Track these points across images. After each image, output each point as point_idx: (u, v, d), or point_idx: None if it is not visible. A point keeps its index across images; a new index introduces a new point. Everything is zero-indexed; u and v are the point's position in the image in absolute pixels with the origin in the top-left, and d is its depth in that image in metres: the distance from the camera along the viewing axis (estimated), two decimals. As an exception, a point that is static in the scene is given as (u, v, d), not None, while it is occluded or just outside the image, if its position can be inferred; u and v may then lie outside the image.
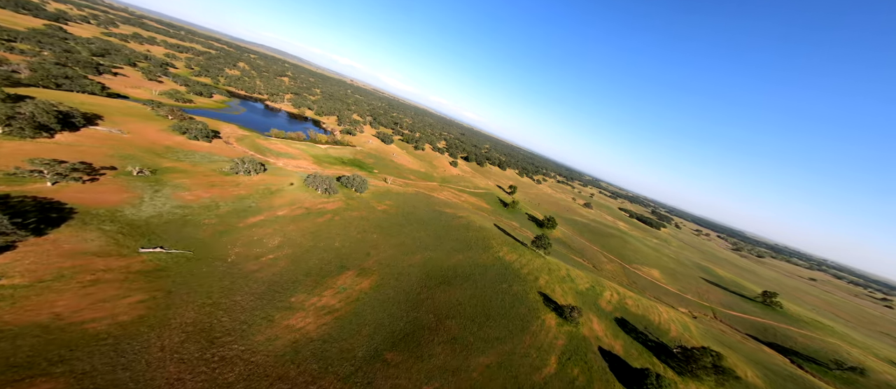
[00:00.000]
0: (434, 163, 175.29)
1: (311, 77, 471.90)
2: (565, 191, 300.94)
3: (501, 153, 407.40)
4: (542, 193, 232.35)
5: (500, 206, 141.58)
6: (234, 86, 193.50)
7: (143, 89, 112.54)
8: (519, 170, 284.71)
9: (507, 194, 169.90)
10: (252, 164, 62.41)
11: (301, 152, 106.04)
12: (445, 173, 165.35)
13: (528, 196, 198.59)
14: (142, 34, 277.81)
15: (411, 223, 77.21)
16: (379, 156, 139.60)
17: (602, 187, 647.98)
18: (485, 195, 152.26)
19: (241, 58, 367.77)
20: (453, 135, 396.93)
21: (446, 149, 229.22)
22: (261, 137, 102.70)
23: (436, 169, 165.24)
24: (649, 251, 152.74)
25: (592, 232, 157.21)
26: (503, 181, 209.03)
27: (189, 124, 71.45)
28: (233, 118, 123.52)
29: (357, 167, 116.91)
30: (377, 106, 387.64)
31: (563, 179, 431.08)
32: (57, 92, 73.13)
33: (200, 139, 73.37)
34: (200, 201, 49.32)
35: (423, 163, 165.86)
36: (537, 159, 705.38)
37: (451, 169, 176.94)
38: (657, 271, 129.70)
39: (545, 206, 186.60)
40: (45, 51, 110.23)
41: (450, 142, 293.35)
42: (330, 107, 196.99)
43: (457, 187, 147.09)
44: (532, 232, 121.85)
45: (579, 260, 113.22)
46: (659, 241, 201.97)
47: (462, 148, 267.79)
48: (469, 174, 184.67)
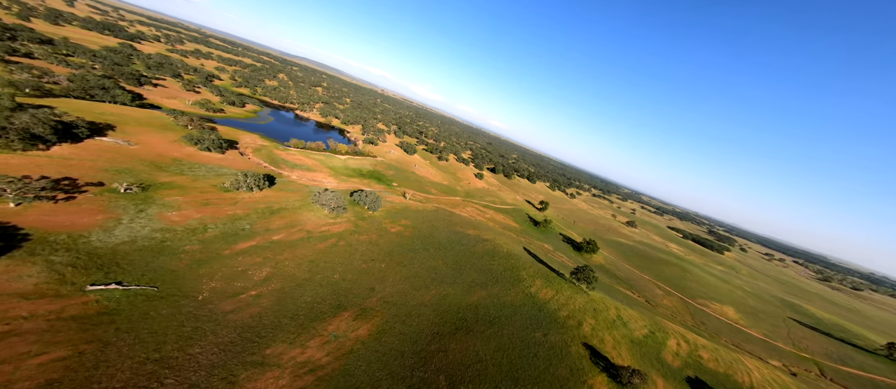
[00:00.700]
0: (458, 175, 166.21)
1: (344, 87, 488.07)
2: (602, 207, 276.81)
3: (530, 164, 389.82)
4: (577, 209, 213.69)
5: (530, 225, 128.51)
6: (269, 96, 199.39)
7: (177, 100, 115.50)
8: (550, 182, 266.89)
9: (537, 210, 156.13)
10: (254, 179, 56.89)
11: (318, 163, 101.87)
12: (470, 186, 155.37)
13: (561, 212, 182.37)
14: (202, 50, 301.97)
15: (428, 248, 67.99)
16: (400, 168, 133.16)
17: (643, 202, 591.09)
18: (513, 212, 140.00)
19: (283, 70, 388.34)
20: (479, 144, 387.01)
21: (471, 160, 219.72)
22: (280, 147, 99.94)
23: (460, 182, 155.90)
24: (716, 282, 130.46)
25: (641, 257, 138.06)
26: (533, 195, 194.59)
27: (202, 134, 68.45)
28: (259, 127, 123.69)
29: (376, 179, 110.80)
30: (404, 114, 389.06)
31: (598, 193, 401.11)
32: (85, 102, 73.84)
33: (213, 150, 70.12)
34: (187, 223, 43.66)
35: (447, 175, 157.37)
36: (569, 170, 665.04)
37: (477, 182, 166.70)
38: (731, 309, 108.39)
39: (581, 225, 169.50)
40: (97, 64, 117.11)
41: (475, 151, 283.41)
42: (356, 115, 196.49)
43: (482, 202, 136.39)
44: (568, 256, 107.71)
45: (629, 293, 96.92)
46: (725, 269, 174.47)
47: (488, 158, 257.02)
48: (495, 187, 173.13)
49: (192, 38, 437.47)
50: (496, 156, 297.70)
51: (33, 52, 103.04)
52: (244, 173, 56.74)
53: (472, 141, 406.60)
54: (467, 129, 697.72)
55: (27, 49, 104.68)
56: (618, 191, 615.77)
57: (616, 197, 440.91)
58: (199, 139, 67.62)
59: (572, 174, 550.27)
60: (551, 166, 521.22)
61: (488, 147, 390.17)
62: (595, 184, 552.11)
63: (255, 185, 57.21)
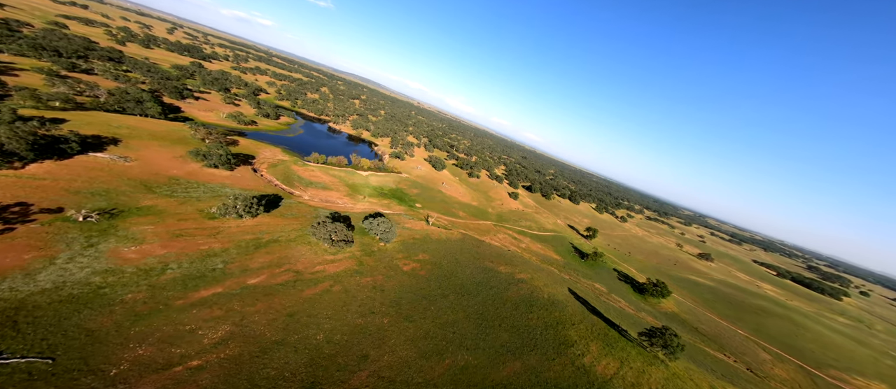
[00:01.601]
0: (490, 194, 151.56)
1: (381, 100, 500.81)
2: (662, 233, 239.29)
3: (570, 180, 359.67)
4: (631, 236, 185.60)
5: (576, 258, 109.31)
6: (307, 109, 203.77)
7: (213, 112, 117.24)
8: (596, 202, 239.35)
9: (584, 238, 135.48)
10: (246, 204, 48.57)
11: (337, 181, 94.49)
12: (503, 208, 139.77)
13: (613, 240, 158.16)
14: (260, 67, 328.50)
15: (447, 294, 54.73)
16: (425, 186, 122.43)
17: (711, 226, 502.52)
18: (553, 239, 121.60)
19: (328, 84, 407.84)
20: (513, 158, 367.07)
21: (505, 176, 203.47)
22: (299, 162, 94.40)
23: (492, 202, 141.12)
24: (848, 343, 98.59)
25: (728, 304, 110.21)
26: (576, 219, 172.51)
27: (210, 150, 63.19)
28: (286, 140, 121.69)
29: (397, 200, 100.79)
30: (437, 127, 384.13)
31: (653, 215, 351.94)
32: (112, 114, 73.26)
33: (221, 167, 64.45)
34: (143, 262, 35.31)
35: (477, 193, 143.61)
36: (614, 188, 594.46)
37: (511, 202, 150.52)
38: (884, 387, 78.86)
39: (640, 257, 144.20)
40: (147, 79, 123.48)
41: (509, 166, 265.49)
42: (386, 128, 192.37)
43: (517, 228, 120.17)
44: (628, 300, 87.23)
45: (722, 357, 73.80)
46: (851, 322, 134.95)
47: (524, 174, 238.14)
48: (532, 209, 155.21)
49: (258, 56, 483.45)
50: (532, 172, 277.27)
51: (94, 69, 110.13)
52: (235, 196, 48.76)
53: (506, 154, 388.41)
54: (501, 142, 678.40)
55: (90, 66, 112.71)
56: (677, 212, 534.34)
57: (676, 220, 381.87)
58: (206, 154, 62.25)
59: (619, 192, 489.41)
60: (594, 183, 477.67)
61: (523, 161, 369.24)
62: (647, 204, 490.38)
63: (246, 211, 48.84)
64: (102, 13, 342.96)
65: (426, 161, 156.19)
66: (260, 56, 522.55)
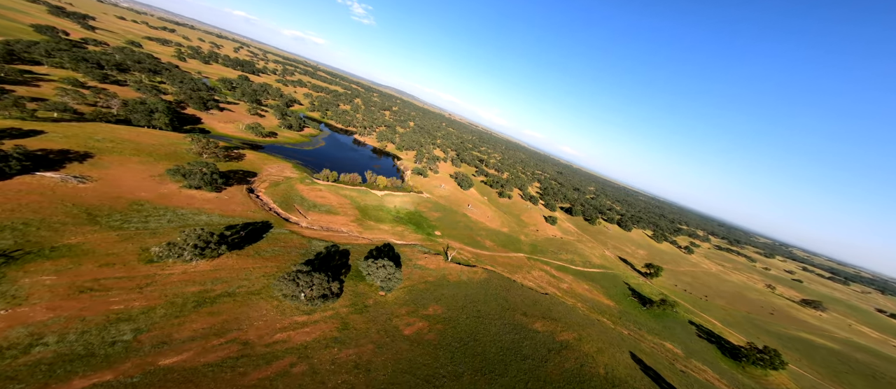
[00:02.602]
0: (523, 217, 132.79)
1: (413, 111, 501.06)
2: (740, 268, 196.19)
3: (613, 199, 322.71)
4: (703, 272, 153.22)
5: (634, 304, 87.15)
6: (336, 120, 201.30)
7: (233, 124, 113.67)
8: (651, 229, 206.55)
9: (642, 276, 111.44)
10: (200, 241, 37.03)
11: (347, 202, 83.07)
12: (538, 235, 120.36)
13: (680, 279, 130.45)
14: (303, 80, 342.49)
15: (462, 371, 38.76)
16: (449, 208, 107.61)
17: (798, 258, 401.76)
18: (603, 277, 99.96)
19: (362, 96, 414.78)
20: (548, 174, 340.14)
21: (540, 196, 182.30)
22: (307, 180, 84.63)
23: (525, 228, 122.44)
24: None
25: (871, 379, 79.89)
26: (629, 249, 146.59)
27: (193, 167, 54.15)
28: (302, 153, 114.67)
29: (414, 226, 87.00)
30: (467, 139, 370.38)
31: (723, 243, 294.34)
32: (109, 125, 68.42)
33: (204, 187, 55.12)
34: (6, 333, 23.83)
35: (508, 217, 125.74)
36: (667, 208, 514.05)
37: (547, 227, 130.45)
38: None
39: (720, 302, 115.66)
40: (175, 89, 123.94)
41: (544, 183, 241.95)
42: (412, 141, 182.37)
43: (556, 262, 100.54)
44: (715, 370, 64.31)
45: None
46: None
47: (561, 194, 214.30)
48: (574, 236, 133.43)
49: (304, 71, 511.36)
50: (570, 191, 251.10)
51: (127, 81, 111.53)
52: (187, 233, 37.38)
53: (540, 170, 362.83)
54: (534, 156, 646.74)
55: (125, 78, 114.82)
56: (749, 240, 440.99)
57: (752, 249, 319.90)
58: (187, 173, 53.17)
59: (673, 214, 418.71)
60: (641, 203, 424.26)
61: (559, 178, 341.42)
62: (710, 229, 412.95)
63: (199, 252, 37.21)
64: (184, 36, 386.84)
65: (451, 178, 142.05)
66: (306, 70, 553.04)
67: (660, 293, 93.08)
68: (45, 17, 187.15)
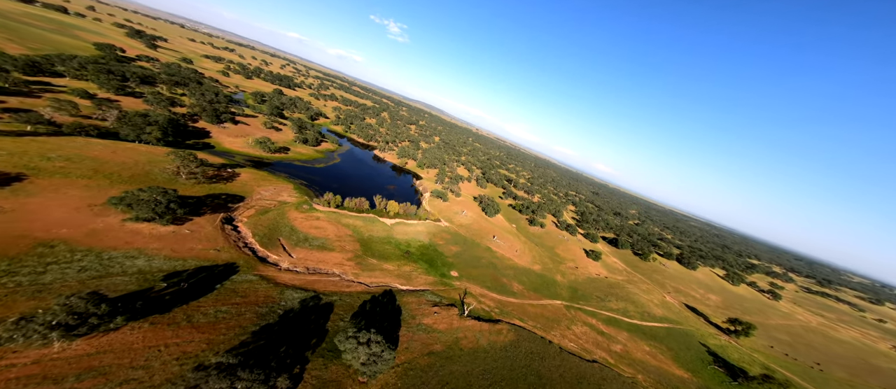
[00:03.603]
0: (559, 251, 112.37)
1: (440, 125, 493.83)
2: (848, 320, 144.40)
3: (660, 224, 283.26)
4: (801, 327, 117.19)
5: (719, 377, 63.84)
6: (358, 134, 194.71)
7: (242, 138, 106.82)
8: (721, 266, 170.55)
9: (725, 333, 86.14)
10: (73, 316, 23.98)
11: (348, 233, 69.74)
12: (578, 274, 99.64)
13: (772, 335, 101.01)
14: (336, 94, 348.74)
15: None
16: (470, 240, 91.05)
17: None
18: (670, 336, 77.20)
19: (390, 110, 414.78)
20: (583, 195, 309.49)
21: (577, 223, 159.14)
22: (304, 205, 72.74)
23: (561, 264, 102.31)
24: None
25: None
26: (696, 292, 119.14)
27: (142, 196, 43.18)
28: (312, 171, 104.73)
29: (426, 264, 71.49)
30: (494, 155, 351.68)
31: (812, 285, 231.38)
32: (86, 139, 61.02)
33: (158, 219, 43.94)
34: None
35: (541, 251, 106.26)
36: (729, 237, 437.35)
37: (589, 264, 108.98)
38: None
39: (842, 374, 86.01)
40: (192, 101, 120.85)
41: (580, 206, 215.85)
42: (435, 157, 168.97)
43: (604, 311, 79.71)
44: None
45: None
46: None
47: (603, 220, 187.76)
48: (623, 276, 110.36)
49: (340, 85, 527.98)
50: (610, 215, 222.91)
51: (144, 93, 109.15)
52: (64, 300, 24.59)
53: (574, 190, 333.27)
54: (566, 174, 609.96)
55: (143, 90, 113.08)
56: (841, 278, 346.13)
57: (850, 292, 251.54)
58: (135, 202, 42.18)
59: (736, 243, 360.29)
60: (695, 230, 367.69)
61: (596, 199, 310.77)
62: (786, 262, 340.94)
63: (66, 333, 24.11)
64: (240, 54, 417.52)
65: (475, 202, 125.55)
66: (342, 85, 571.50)
67: (757, 361, 68.74)
68: (120, 38, 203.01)
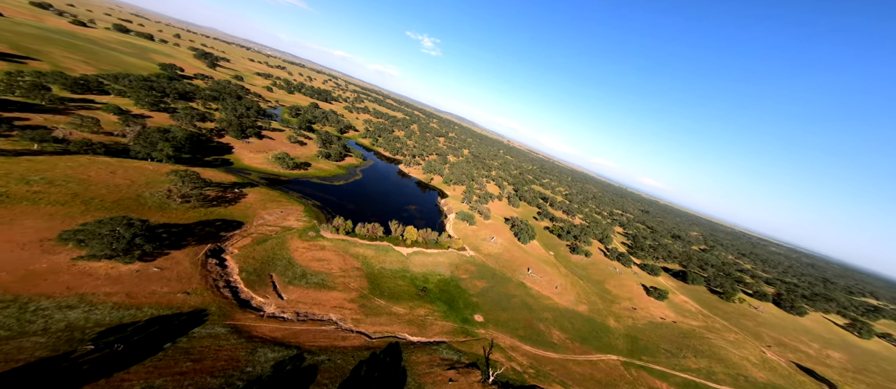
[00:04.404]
0: (609, 287, 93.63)
1: (469, 137, 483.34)
2: None
3: (732, 250, 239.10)
4: None
5: None
6: (385, 147, 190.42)
7: (262, 154, 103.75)
8: (836, 311, 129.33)
9: None
10: None
11: (354, 266, 59.81)
12: (637, 318, 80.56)
13: None
14: (369, 107, 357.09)
15: None
16: (499, 274, 76.97)
17: None
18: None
19: (420, 122, 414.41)
20: (631, 214, 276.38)
21: (630, 250, 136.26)
22: (310, 231, 64.38)
23: (614, 304, 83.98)
24: None
25: None
26: (808, 347, 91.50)
27: (105, 228, 36.59)
28: (330, 189, 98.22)
29: (445, 305, 59.09)
30: (526, 169, 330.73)
31: None
32: (90, 157, 57.75)
33: (119, 257, 36.98)
34: None
35: (587, 286, 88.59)
36: (825, 266, 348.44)
37: (650, 304, 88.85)
38: None
39: None
40: (222, 117, 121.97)
41: (628, 227, 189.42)
42: (462, 173, 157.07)
43: (679, 372, 60.82)
44: None
45: None
46: None
47: (662, 246, 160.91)
48: (699, 321, 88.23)
49: (374, 98, 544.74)
50: (666, 238, 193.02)
51: (177, 108, 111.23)
52: None
53: (620, 208, 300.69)
54: (607, 188, 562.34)
55: (177, 106, 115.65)
56: None
57: None
58: (89, 237, 35.39)
59: (838, 275, 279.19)
60: (781, 258, 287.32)
61: (647, 219, 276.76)
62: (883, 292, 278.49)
63: None
64: (290, 71, 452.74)
65: (506, 225, 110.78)
66: (377, 98, 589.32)
67: None
68: (187, 59, 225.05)
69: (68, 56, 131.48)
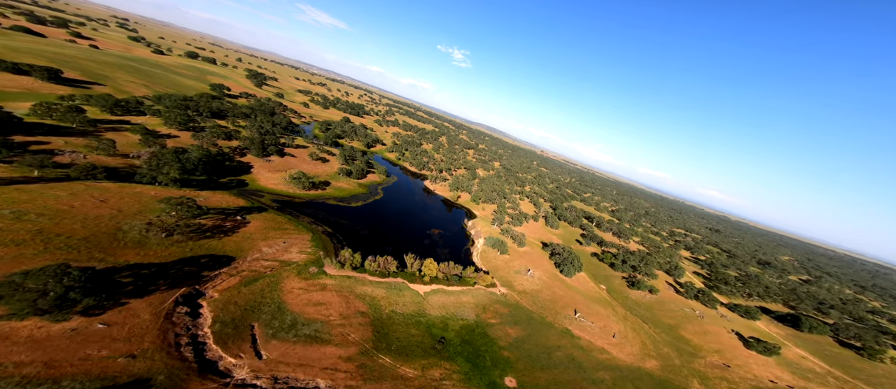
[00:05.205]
0: (686, 334, 73.32)
1: (501, 149, 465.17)
2: None
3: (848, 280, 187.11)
4: None
5: None
6: (411, 162, 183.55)
7: (280, 174, 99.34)
8: None
9: None
10: None
11: (358, 311, 49.12)
12: (734, 378, 60.13)
13: None
14: (398, 120, 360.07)
15: None
16: (538, 318, 61.67)
17: None
18: None
19: (449, 134, 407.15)
20: (697, 233, 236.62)
21: (706, 280, 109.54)
22: (308, 269, 55.16)
23: (695, 360, 64.09)
24: None
25: None
26: None
27: (39, 281, 29.86)
28: (347, 211, 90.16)
29: (467, 362, 45.72)
30: (564, 182, 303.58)
31: None
32: (75, 185, 53.78)
33: (50, 314, 29.84)
34: None
35: (656, 333, 69.48)
36: None
37: (750, 359, 67.01)
38: None
39: None
40: (247, 134, 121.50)
41: (697, 250, 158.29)
42: (493, 189, 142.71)
43: None
44: None
45: None
46: None
47: (751, 278, 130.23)
48: (808, 398, 64.93)
49: (405, 111, 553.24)
50: (749, 263, 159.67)
51: (205, 127, 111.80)
52: None
53: (680, 226, 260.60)
54: (661, 203, 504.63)
55: (205, 124, 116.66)
56: None
57: None
58: (9, 292, 28.42)
59: None
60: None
61: (720, 239, 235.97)
62: None
63: None
64: (329, 88, 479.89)
65: (545, 252, 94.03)
66: (408, 111, 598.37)
67: None
68: (240, 80, 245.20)
69: (131, 80, 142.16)
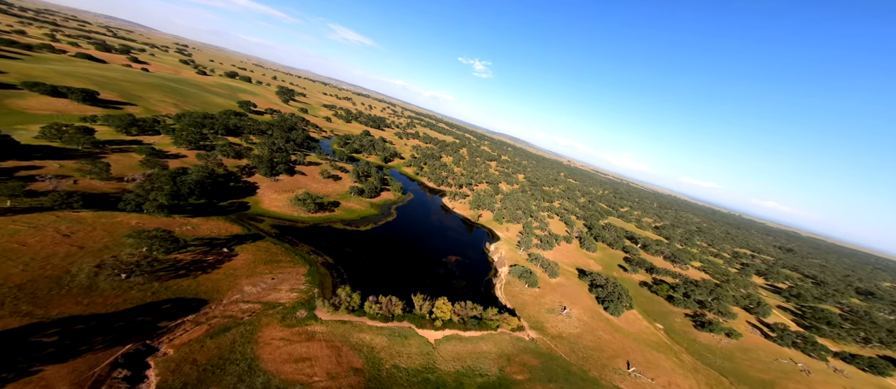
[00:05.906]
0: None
1: (525, 159, 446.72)
2: None
3: None
4: None
5: None
6: (428, 176, 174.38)
7: (285, 195, 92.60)
8: None
9: None
10: None
11: (348, 370, 38.43)
12: None
13: None
14: (420, 132, 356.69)
15: None
16: (577, 372, 47.60)
17: None
18: None
19: (471, 145, 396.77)
20: (768, 254, 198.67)
21: (795, 316, 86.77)
22: (295, 313, 45.61)
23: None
24: None
25: None
26: None
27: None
28: (354, 236, 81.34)
29: None
30: (596, 195, 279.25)
31: None
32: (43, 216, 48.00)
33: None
34: None
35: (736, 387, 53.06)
36: None
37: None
38: None
39: None
40: (259, 152, 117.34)
41: (770, 275, 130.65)
42: (518, 205, 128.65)
43: None
44: None
45: None
46: None
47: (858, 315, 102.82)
48: None
49: (426, 123, 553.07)
50: (849, 297, 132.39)
51: (215, 145, 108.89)
52: None
53: (741, 243, 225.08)
54: (714, 217, 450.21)
55: (214, 143, 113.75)
56: None
57: None
58: None
59: None
60: None
61: (799, 262, 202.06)
62: None
63: None
64: (353, 101, 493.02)
65: (583, 282, 78.50)
66: (429, 122, 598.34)
67: None
68: (270, 97, 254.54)
69: (163, 99, 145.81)
